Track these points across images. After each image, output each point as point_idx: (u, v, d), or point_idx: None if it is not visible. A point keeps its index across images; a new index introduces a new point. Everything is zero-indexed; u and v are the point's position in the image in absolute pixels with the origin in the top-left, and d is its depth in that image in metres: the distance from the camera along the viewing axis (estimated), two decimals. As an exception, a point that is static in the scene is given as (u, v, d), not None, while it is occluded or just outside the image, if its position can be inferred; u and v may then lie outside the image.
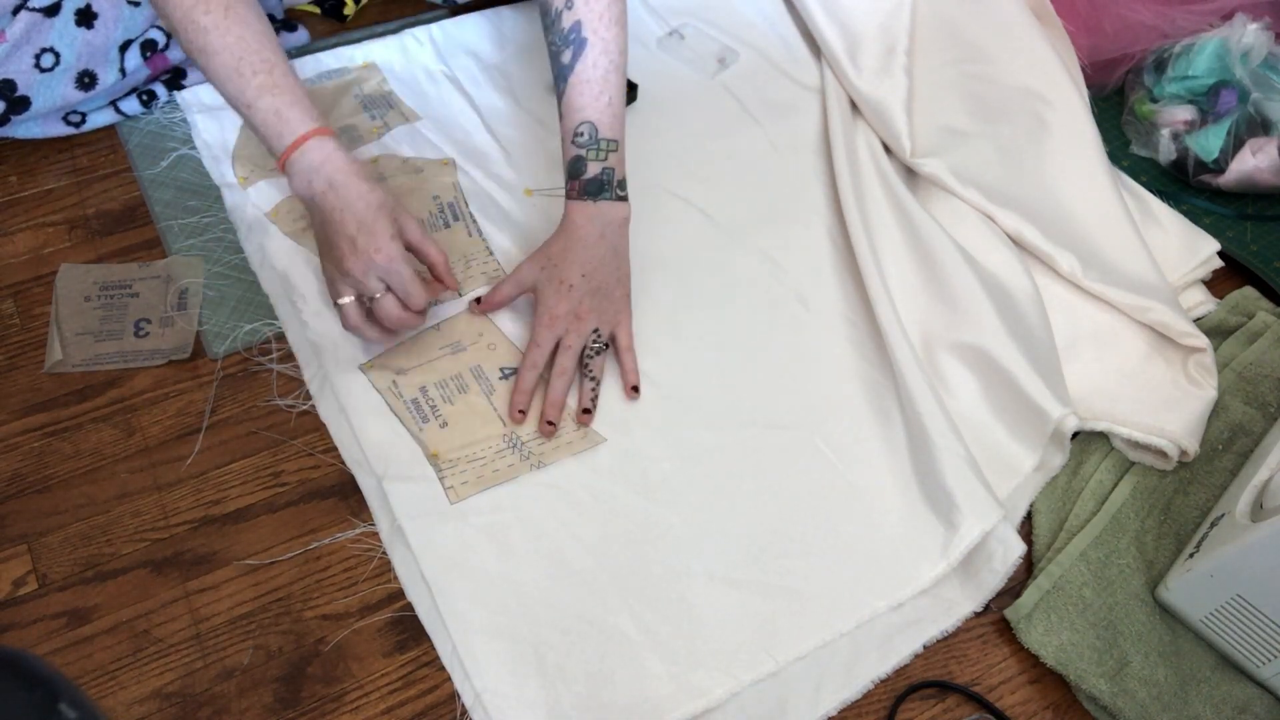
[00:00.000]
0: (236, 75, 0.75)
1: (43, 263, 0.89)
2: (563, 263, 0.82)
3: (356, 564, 0.74)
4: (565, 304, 0.81)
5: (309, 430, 0.80)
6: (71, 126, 0.97)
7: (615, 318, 0.84)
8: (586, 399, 0.81)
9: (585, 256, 0.82)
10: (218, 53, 0.75)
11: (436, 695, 0.69)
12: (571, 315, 0.81)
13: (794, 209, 0.99)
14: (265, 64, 0.76)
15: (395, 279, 0.74)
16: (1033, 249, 0.93)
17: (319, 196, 0.75)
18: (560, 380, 0.81)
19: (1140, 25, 1.08)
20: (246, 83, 0.75)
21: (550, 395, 0.80)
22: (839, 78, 1.08)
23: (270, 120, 0.75)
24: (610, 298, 0.83)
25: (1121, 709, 0.70)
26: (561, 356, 0.81)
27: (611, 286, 0.83)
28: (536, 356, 0.81)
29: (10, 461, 0.77)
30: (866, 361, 0.87)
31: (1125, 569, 0.77)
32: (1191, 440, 0.82)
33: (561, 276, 0.81)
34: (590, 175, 0.82)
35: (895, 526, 0.78)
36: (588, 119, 0.82)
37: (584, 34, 0.82)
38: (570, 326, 0.81)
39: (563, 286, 0.81)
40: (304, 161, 0.75)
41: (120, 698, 0.67)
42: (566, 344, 0.81)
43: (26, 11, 0.88)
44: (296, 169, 0.75)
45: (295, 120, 0.75)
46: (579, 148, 0.82)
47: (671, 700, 0.68)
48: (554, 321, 0.81)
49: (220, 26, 0.75)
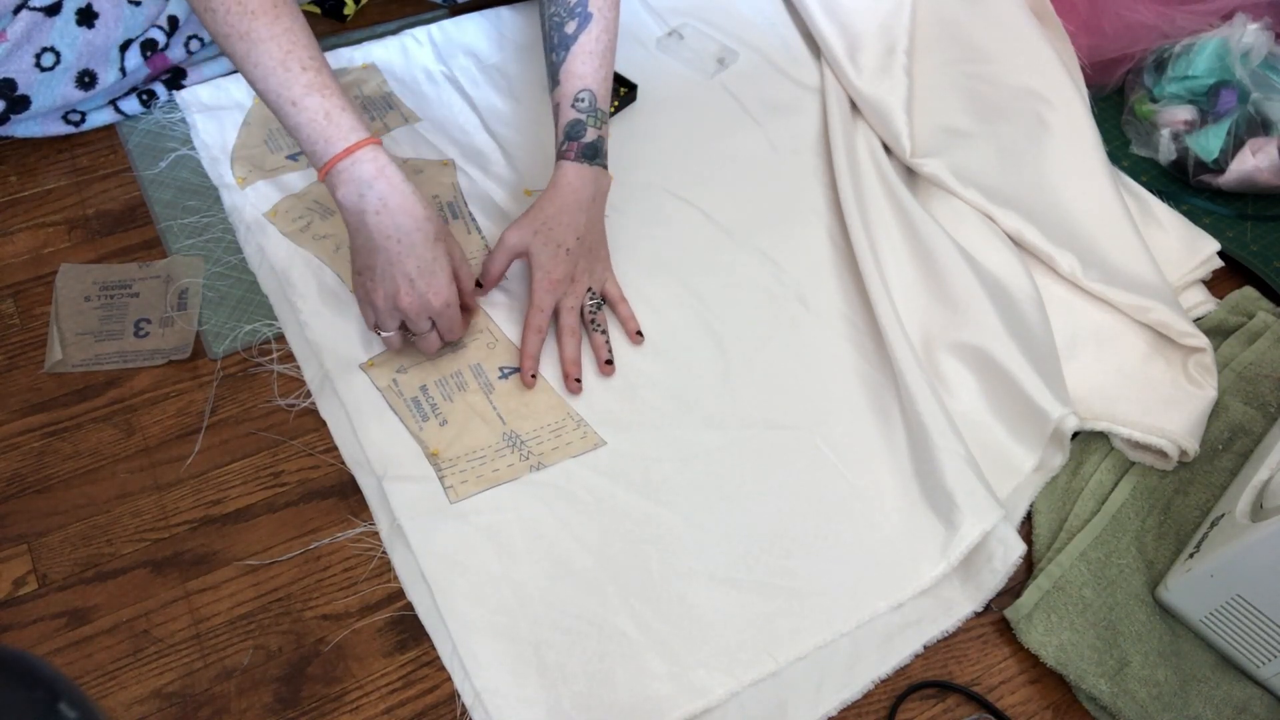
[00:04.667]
0: (283, 69, 0.71)
1: (43, 263, 0.89)
2: (558, 226, 0.83)
3: (356, 564, 0.74)
4: (562, 268, 0.83)
5: (309, 430, 0.80)
6: (71, 126, 0.97)
7: (603, 275, 0.87)
8: (604, 350, 0.84)
9: (579, 220, 0.83)
10: (264, 41, 0.71)
11: (436, 695, 0.69)
12: (568, 278, 0.83)
13: (794, 209, 0.99)
14: (314, 62, 0.72)
15: (445, 321, 0.77)
16: (1033, 249, 0.93)
17: (370, 215, 0.72)
18: (571, 339, 0.83)
19: (1140, 25, 1.08)
20: (294, 78, 0.71)
21: (567, 355, 0.83)
22: (839, 78, 1.08)
23: (318, 122, 0.72)
24: (598, 258, 0.87)
25: (1121, 709, 0.70)
26: (566, 317, 0.83)
27: (599, 248, 0.87)
28: (540, 320, 0.82)
29: (10, 461, 0.77)
30: (866, 361, 0.87)
31: (1125, 569, 0.77)
32: (1191, 440, 0.82)
33: (558, 240, 0.83)
34: (588, 140, 0.84)
35: (895, 526, 0.78)
36: (588, 87, 0.84)
37: (590, 9, 0.85)
38: (569, 289, 0.84)
39: (559, 250, 0.82)
40: (355, 171, 0.72)
41: (120, 698, 0.67)
42: (568, 305, 0.84)
43: (27, 11, 0.88)
44: (345, 178, 0.72)
45: (347, 126, 0.72)
46: (579, 112, 0.84)
47: (671, 700, 0.68)
48: (554, 285, 0.83)
49: (269, 13, 0.71)
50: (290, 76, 0.71)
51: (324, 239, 0.90)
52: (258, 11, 0.71)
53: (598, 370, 0.84)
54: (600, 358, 0.84)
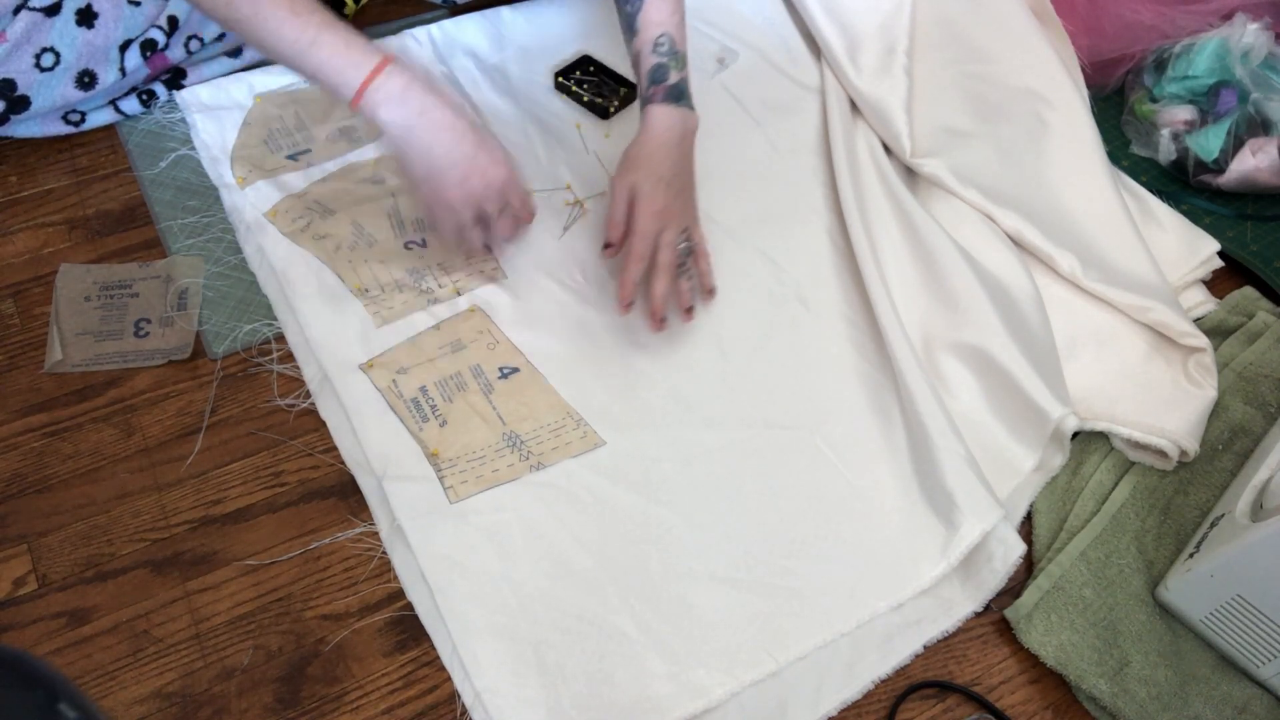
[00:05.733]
0: (293, 15, 0.74)
1: (43, 263, 0.89)
2: (655, 164, 0.83)
3: (356, 564, 0.74)
4: (663, 199, 0.83)
5: (309, 430, 0.80)
6: (71, 126, 0.97)
7: (692, 218, 0.87)
8: (687, 297, 0.84)
9: (671, 158, 0.84)
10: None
11: (436, 695, 0.69)
12: (667, 210, 0.83)
13: (794, 209, 0.99)
14: (318, 6, 0.75)
15: (515, 192, 0.81)
16: (1033, 249, 0.93)
17: (415, 118, 0.76)
18: (665, 276, 0.82)
19: (1140, 25, 1.08)
20: (308, 21, 0.74)
21: (658, 291, 0.82)
22: (839, 78, 1.08)
23: (341, 52, 0.74)
24: (690, 201, 0.87)
25: (1121, 709, 0.70)
26: (663, 253, 0.83)
27: (690, 190, 0.87)
28: (644, 247, 0.82)
29: (10, 461, 0.77)
30: (866, 361, 0.87)
31: (1125, 569, 0.77)
32: (1191, 440, 0.82)
33: (658, 173, 0.83)
34: (673, 82, 0.85)
35: (895, 526, 0.78)
36: (666, 31, 0.85)
37: None
38: (667, 222, 0.83)
39: (660, 183, 0.83)
40: (389, 87, 0.75)
41: (120, 698, 0.67)
42: (667, 240, 0.83)
43: (27, 11, 0.88)
44: (382, 96, 0.75)
45: (369, 48, 0.75)
46: (660, 56, 0.85)
47: (672, 700, 0.68)
48: (656, 215, 0.82)
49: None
50: (303, 20, 0.74)
51: (324, 239, 0.90)
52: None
53: (680, 317, 0.85)
54: (684, 303, 0.84)
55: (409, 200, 0.95)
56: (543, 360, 0.85)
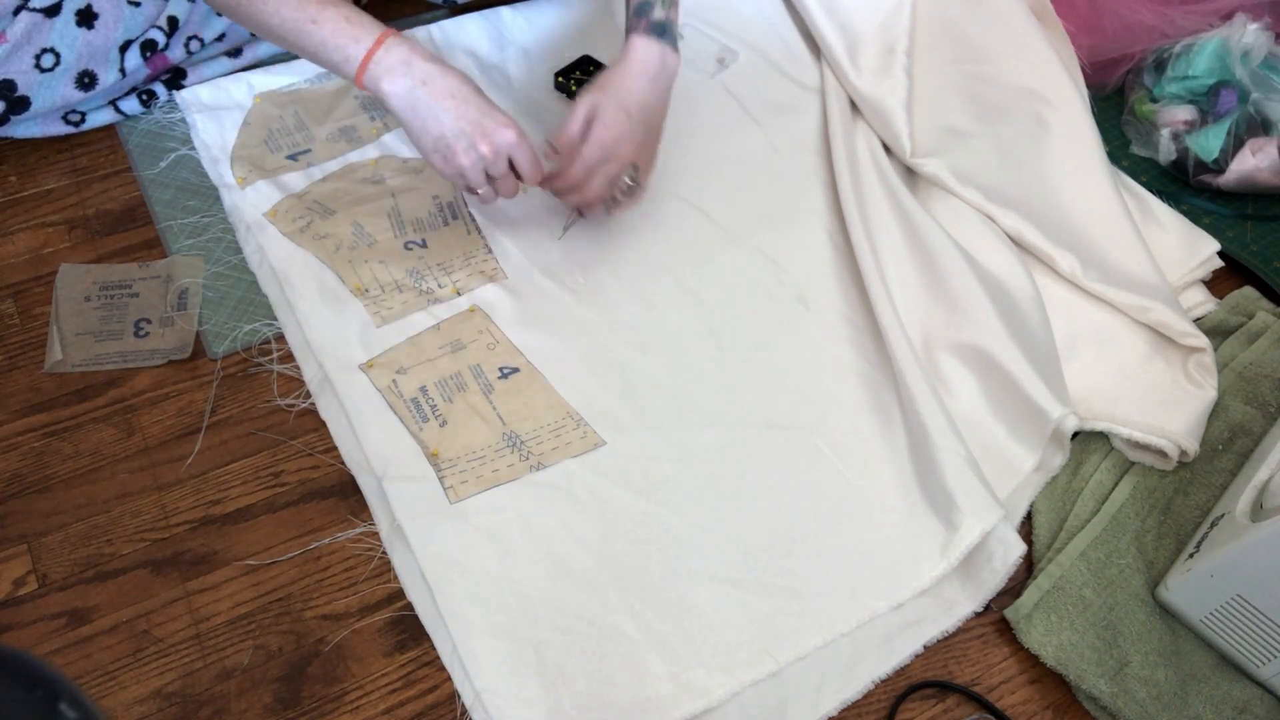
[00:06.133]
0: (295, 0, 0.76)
1: (43, 263, 0.89)
2: (623, 91, 0.83)
3: (356, 564, 0.74)
4: (617, 129, 0.82)
5: (309, 430, 0.80)
6: (71, 126, 0.97)
7: (649, 160, 0.87)
8: (620, 189, 0.85)
9: (643, 90, 0.84)
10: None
11: (436, 695, 0.69)
12: (620, 141, 0.83)
13: (794, 209, 0.99)
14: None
15: (521, 154, 0.80)
16: (1033, 249, 0.93)
17: (420, 88, 0.76)
18: (602, 174, 0.83)
19: (1140, 25, 1.08)
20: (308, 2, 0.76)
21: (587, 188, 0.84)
22: (839, 78, 1.08)
23: (343, 27, 0.76)
24: (650, 139, 0.86)
25: (1121, 709, 0.70)
26: (595, 182, 0.83)
27: (657, 127, 0.87)
28: (579, 172, 0.83)
29: (10, 461, 0.77)
30: (866, 361, 0.87)
31: (1125, 569, 0.77)
32: (1191, 440, 0.82)
33: (622, 101, 0.83)
34: (657, 17, 0.85)
35: (895, 526, 0.78)
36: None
37: None
38: (616, 153, 0.83)
39: (621, 111, 0.83)
40: (391, 59, 0.76)
41: (120, 698, 0.67)
42: (606, 171, 0.83)
43: (27, 12, 0.88)
44: (385, 67, 0.76)
45: (369, 22, 0.77)
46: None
47: (672, 700, 0.68)
48: (604, 144, 0.82)
49: None
50: (302, 3, 0.76)
51: (324, 239, 0.90)
52: None
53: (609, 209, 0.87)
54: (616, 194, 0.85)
55: (409, 200, 0.95)
56: (543, 360, 0.85)
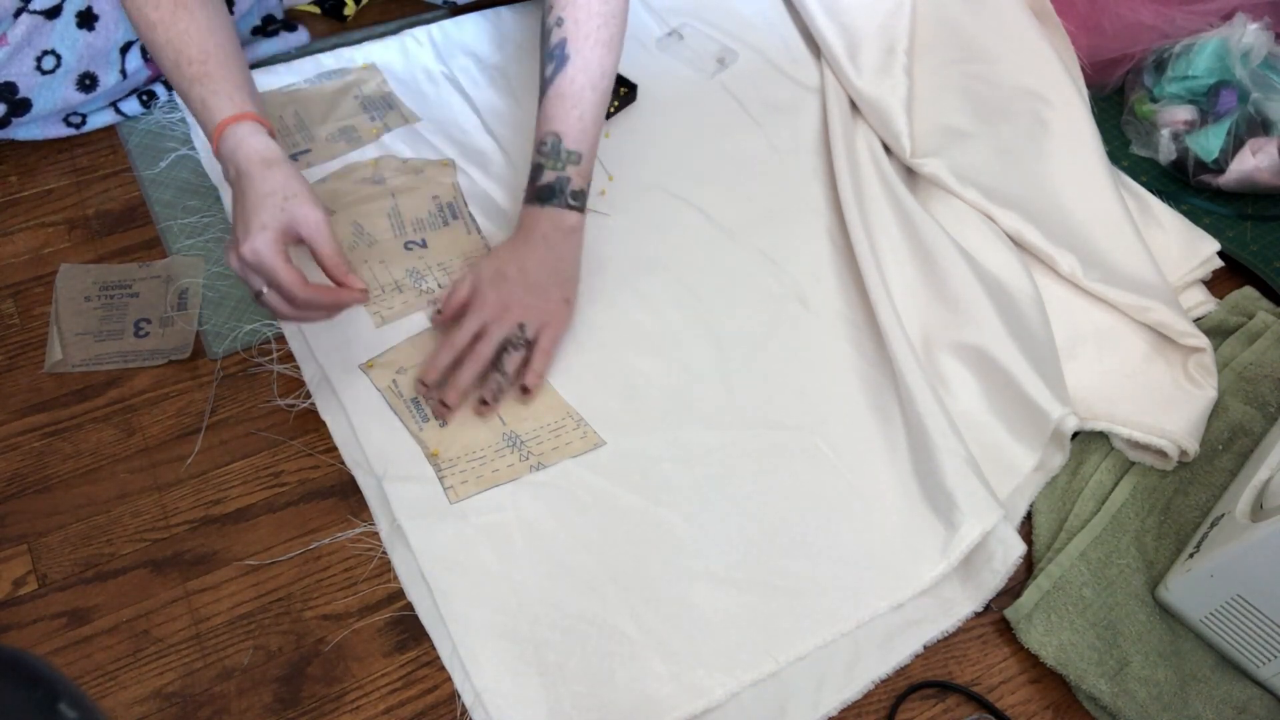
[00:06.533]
0: (175, 69, 0.76)
1: (43, 263, 0.89)
2: (502, 257, 0.84)
3: (356, 564, 0.74)
4: (496, 293, 0.82)
5: (309, 430, 0.80)
6: (72, 128, 0.97)
7: (546, 318, 0.83)
8: (489, 391, 0.80)
9: (524, 254, 0.84)
10: (161, 48, 0.77)
11: (436, 695, 0.69)
12: (500, 305, 0.82)
13: (794, 209, 0.99)
14: (201, 54, 0.76)
15: (263, 270, 0.70)
16: (1033, 249, 0.93)
17: (233, 185, 0.74)
18: (472, 366, 0.80)
19: (1140, 25, 1.08)
20: (181, 75, 0.76)
21: (457, 378, 0.80)
22: (839, 78, 1.08)
23: (199, 111, 0.76)
24: (545, 297, 0.83)
25: (1121, 709, 0.70)
26: (480, 344, 0.80)
27: (548, 287, 0.84)
28: (458, 338, 0.81)
29: (10, 461, 0.77)
30: (866, 361, 0.87)
31: (1125, 569, 0.77)
32: (1191, 440, 0.82)
33: (499, 268, 0.83)
34: (544, 182, 0.85)
35: (895, 526, 0.78)
36: (554, 130, 0.85)
37: (567, 51, 0.85)
38: (496, 315, 0.81)
39: (498, 277, 0.83)
40: (224, 150, 0.74)
41: (120, 698, 0.67)
42: (488, 332, 0.81)
43: (27, 14, 0.88)
44: (220, 159, 0.75)
45: (215, 108, 0.75)
46: (540, 156, 0.85)
47: (672, 700, 0.68)
48: (482, 307, 0.81)
49: (165, 22, 0.76)
50: (179, 75, 0.76)
51: (324, 239, 0.90)
52: (156, 23, 0.77)
53: (472, 407, 0.80)
54: (481, 395, 0.80)
55: (409, 200, 0.95)
56: None
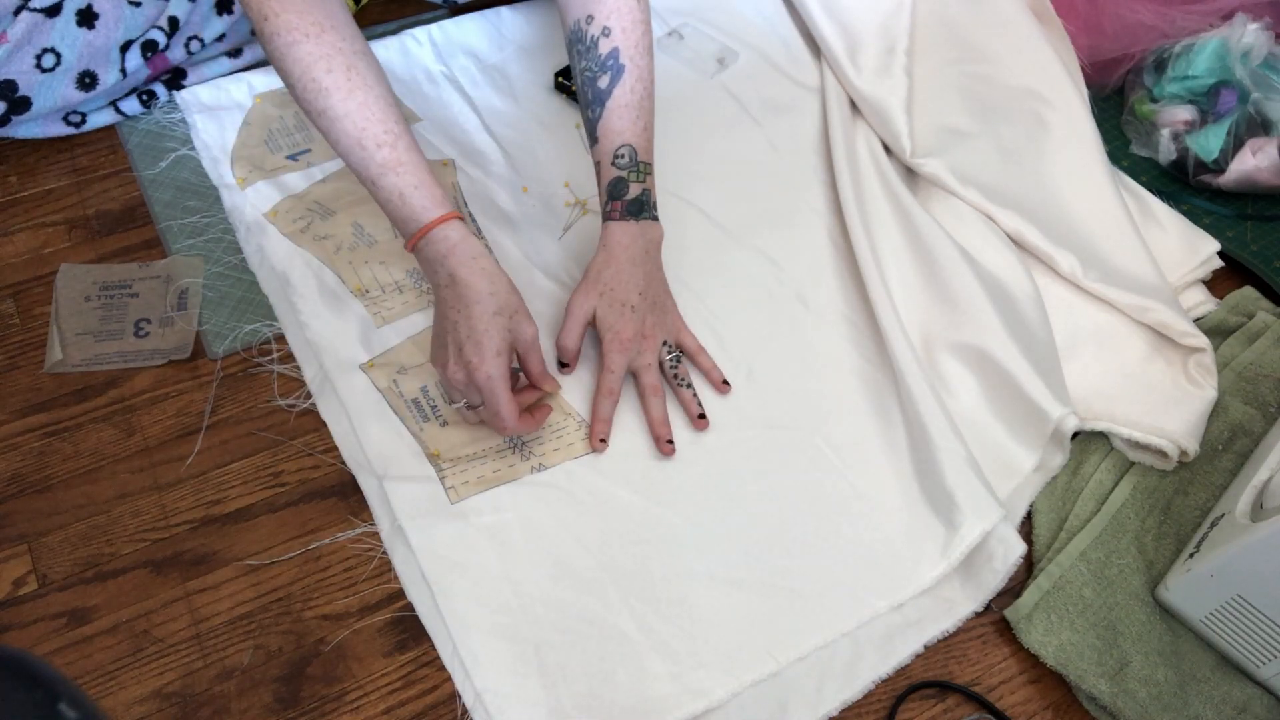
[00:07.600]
0: (359, 148, 0.74)
1: (43, 263, 0.89)
2: (618, 285, 0.81)
3: (356, 564, 0.74)
4: (631, 326, 0.81)
5: (309, 430, 0.80)
6: (72, 127, 0.97)
7: (675, 326, 0.85)
8: (693, 405, 0.82)
9: (637, 275, 0.82)
10: (339, 119, 0.74)
11: (436, 695, 0.69)
12: (639, 336, 0.81)
13: (794, 209, 0.99)
14: (389, 135, 0.74)
15: (490, 399, 0.73)
16: (1033, 249, 0.93)
17: (441, 289, 0.74)
18: (655, 398, 0.81)
19: (1140, 25, 1.08)
20: (370, 156, 0.74)
21: (654, 415, 0.80)
22: (839, 78, 1.08)
23: (395, 202, 0.74)
24: (666, 310, 0.84)
25: (1121, 709, 0.70)
26: (645, 376, 0.81)
27: (664, 299, 0.85)
28: (612, 383, 0.80)
29: (10, 461, 0.77)
30: (866, 361, 0.87)
31: (1125, 569, 0.77)
32: (1191, 440, 0.82)
33: (622, 299, 0.81)
34: (632, 196, 0.83)
35: (895, 526, 0.78)
36: (627, 142, 0.83)
37: (622, 60, 0.83)
38: (641, 346, 0.81)
39: (625, 309, 0.81)
40: (429, 251, 0.74)
41: (120, 698, 0.67)
42: (645, 363, 0.81)
43: (28, 12, 0.88)
44: (423, 257, 0.75)
45: (419, 206, 0.74)
46: (620, 169, 0.83)
47: (672, 700, 0.68)
48: (625, 345, 0.80)
49: (342, 89, 0.74)
50: (366, 156, 0.74)
51: (324, 239, 0.90)
52: (330, 89, 0.74)
53: (691, 425, 0.81)
54: (691, 413, 0.81)
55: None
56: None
